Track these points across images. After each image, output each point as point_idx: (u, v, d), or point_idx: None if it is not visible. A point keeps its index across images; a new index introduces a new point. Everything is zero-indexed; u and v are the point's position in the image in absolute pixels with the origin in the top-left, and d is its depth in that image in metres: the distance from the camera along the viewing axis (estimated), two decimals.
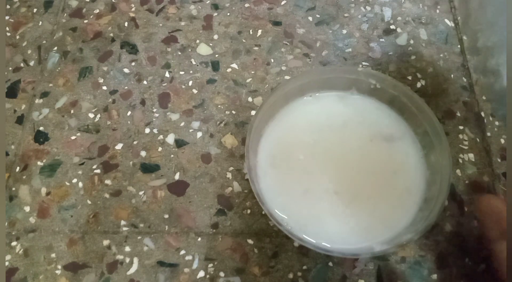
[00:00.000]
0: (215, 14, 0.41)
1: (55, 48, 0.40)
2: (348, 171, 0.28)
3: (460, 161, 0.34)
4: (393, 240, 0.25)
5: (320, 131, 0.30)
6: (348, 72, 0.30)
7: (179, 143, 0.35)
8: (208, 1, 0.42)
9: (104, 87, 0.38)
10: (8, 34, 0.41)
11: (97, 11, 0.42)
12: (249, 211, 0.33)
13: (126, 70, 0.39)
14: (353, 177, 0.28)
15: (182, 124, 0.36)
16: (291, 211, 0.27)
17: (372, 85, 0.30)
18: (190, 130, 0.36)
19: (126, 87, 0.38)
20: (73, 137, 0.36)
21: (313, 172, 0.28)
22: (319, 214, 0.27)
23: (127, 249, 0.32)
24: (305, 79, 0.30)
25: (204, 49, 0.39)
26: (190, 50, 0.39)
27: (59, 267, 0.31)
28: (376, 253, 0.24)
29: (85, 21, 0.41)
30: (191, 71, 0.38)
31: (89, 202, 0.33)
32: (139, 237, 0.32)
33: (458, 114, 0.36)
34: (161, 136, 0.36)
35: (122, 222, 0.32)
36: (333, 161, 0.29)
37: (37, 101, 0.37)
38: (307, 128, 0.30)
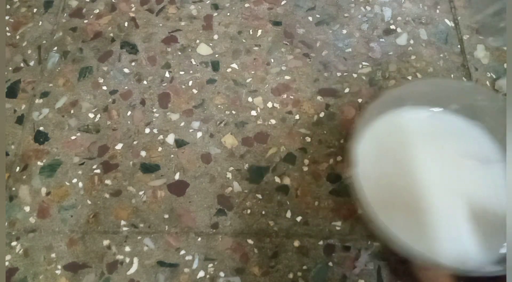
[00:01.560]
0: (215, 14, 0.41)
1: (55, 48, 0.40)
2: (443, 188, 0.28)
3: None
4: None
5: (416, 146, 0.30)
6: (450, 87, 0.30)
7: (179, 143, 0.35)
8: (208, 1, 0.42)
9: (104, 87, 0.38)
10: (8, 34, 0.41)
11: (97, 11, 0.42)
12: (249, 211, 0.33)
13: (126, 70, 0.39)
14: (449, 195, 0.28)
15: (182, 124, 0.36)
16: (395, 229, 0.26)
17: (474, 101, 0.29)
18: (190, 130, 0.36)
19: (126, 87, 0.38)
20: (73, 137, 0.36)
21: (407, 187, 0.28)
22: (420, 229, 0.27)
23: (127, 249, 0.32)
24: (406, 90, 0.30)
25: (204, 49, 0.39)
26: (190, 50, 0.39)
27: (59, 267, 0.31)
28: None
29: (85, 21, 0.41)
30: (191, 71, 0.38)
31: (89, 202, 0.33)
32: (139, 237, 0.32)
33: None
34: (161, 136, 0.36)
35: (122, 222, 0.32)
36: (429, 178, 0.29)
37: (37, 101, 0.37)
38: (403, 142, 0.30)
